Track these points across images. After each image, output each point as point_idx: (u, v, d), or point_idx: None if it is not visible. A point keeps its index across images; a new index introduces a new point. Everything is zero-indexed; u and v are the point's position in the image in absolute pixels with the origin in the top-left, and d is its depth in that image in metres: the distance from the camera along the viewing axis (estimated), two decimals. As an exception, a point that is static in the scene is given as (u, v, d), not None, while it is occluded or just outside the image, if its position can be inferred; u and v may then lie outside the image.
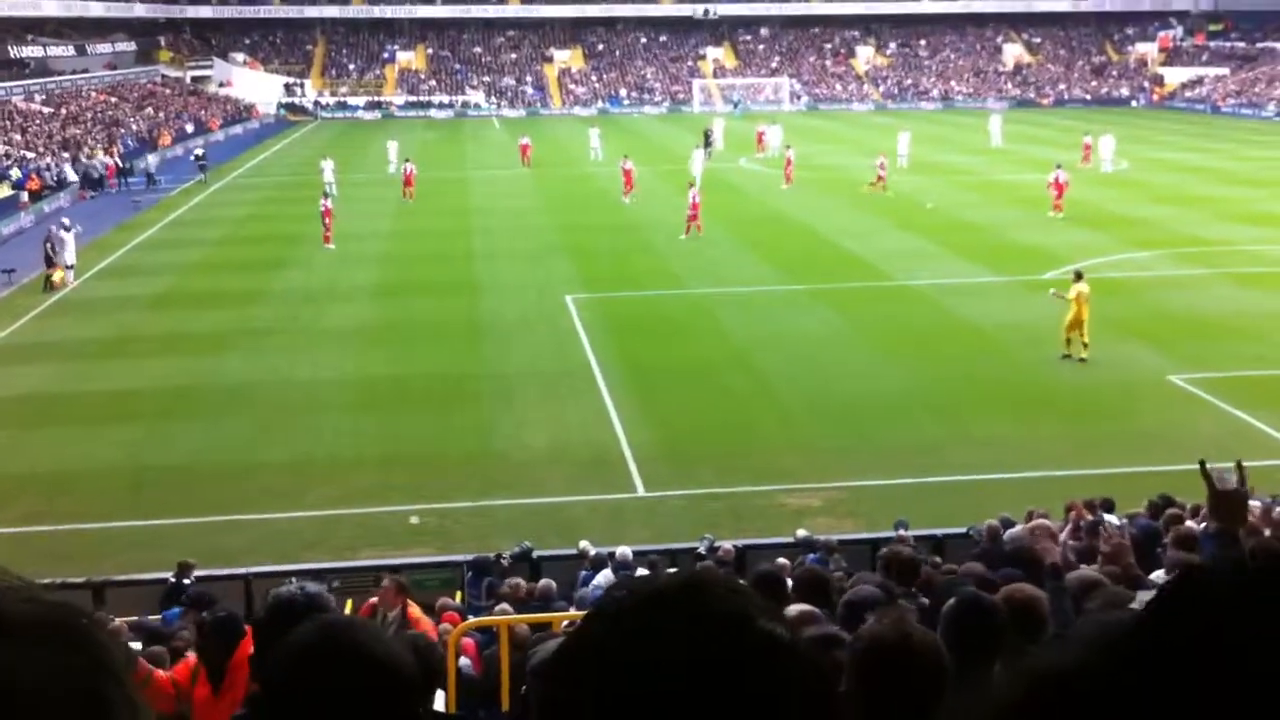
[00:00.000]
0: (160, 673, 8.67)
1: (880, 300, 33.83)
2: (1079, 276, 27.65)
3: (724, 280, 36.56)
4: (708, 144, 66.77)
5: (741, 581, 1.28)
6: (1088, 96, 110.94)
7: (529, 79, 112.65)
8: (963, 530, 16.37)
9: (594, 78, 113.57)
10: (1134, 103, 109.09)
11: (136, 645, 12.58)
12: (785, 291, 35.03)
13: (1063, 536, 13.65)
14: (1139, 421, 23.91)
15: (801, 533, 17.28)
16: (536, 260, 40.23)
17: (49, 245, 38.66)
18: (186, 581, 16.42)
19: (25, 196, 54.98)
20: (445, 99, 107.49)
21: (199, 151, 69.42)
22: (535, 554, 17.14)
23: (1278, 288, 34.66)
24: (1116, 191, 52.31)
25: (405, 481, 21.51)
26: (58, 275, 38.14)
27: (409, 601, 10.97)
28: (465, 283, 37.16)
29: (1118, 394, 25.45)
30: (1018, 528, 14.55)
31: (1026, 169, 60.18)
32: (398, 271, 39.05)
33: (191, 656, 8.14)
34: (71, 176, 61.74)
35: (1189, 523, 12.47)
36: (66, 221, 40.89)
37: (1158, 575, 9.17)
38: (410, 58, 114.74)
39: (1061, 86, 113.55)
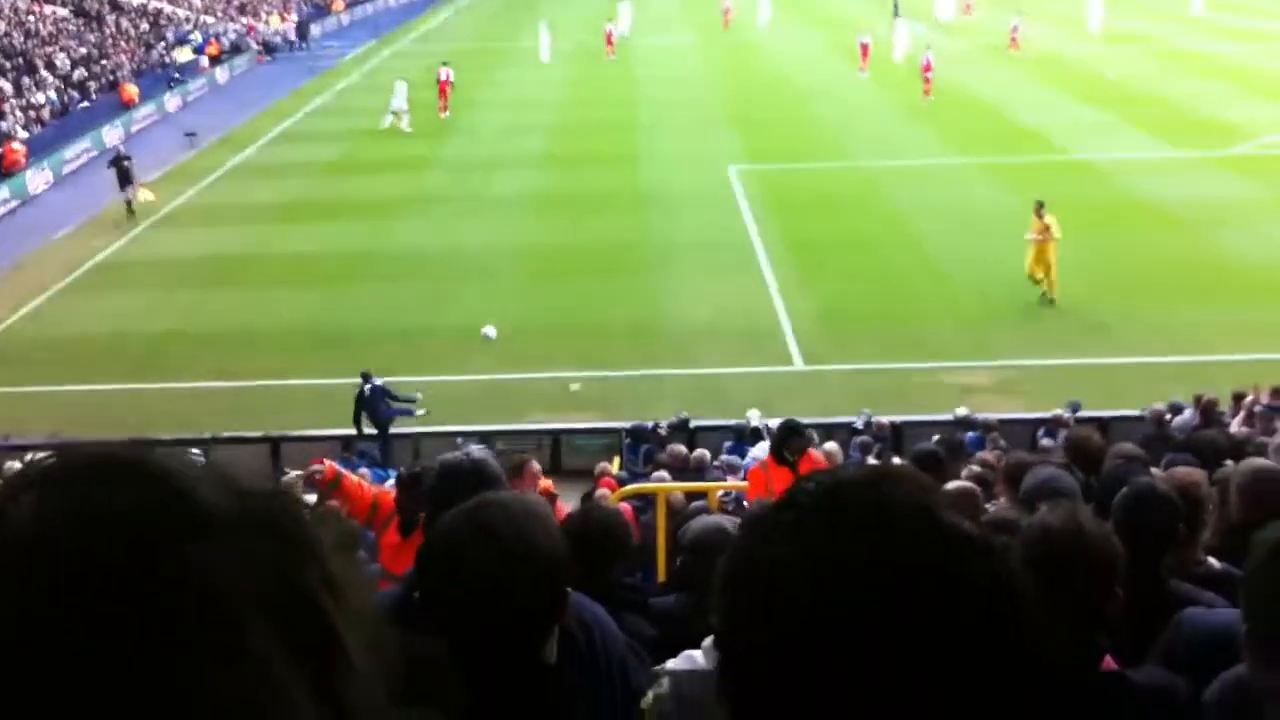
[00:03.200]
0: (364, 485, 9.10)
1: (1055, 175, 32.65)
2: (1041, 207, 23.13)
3: (893, 153, 35.73)
4: (896, 12, 62.81)
5: (929, 478, 1.27)
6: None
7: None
8: (1135, 413, 15.86)
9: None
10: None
11: (310, 498, 13.23)
12: (955, 165, 34.12)
13: (1234, 424, 13.30)
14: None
15: (961, 411, 17.11)
16: (701, 131, 39.83)
17: (121, 164, 32.13)
18: (369, 386, 18.05)
19: (205, 61, 56.56)
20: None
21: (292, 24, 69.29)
22: (692, 424, 17.34)
23: None
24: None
25: (568, 349, 21.86)
26: (141, 195, 32.36)
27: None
28: (630, 154, 37.10)
29: (1305, 277, 24.28)
30: (1187, 413, 14.17)
31: (1226, 39, 56.90)
32: (563, 141, 39.16)
33: (393, 494, 8.45)
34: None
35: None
36: (401, 85, 41.48)
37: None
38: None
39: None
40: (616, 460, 16.30)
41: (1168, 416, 13.71)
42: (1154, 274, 24.58)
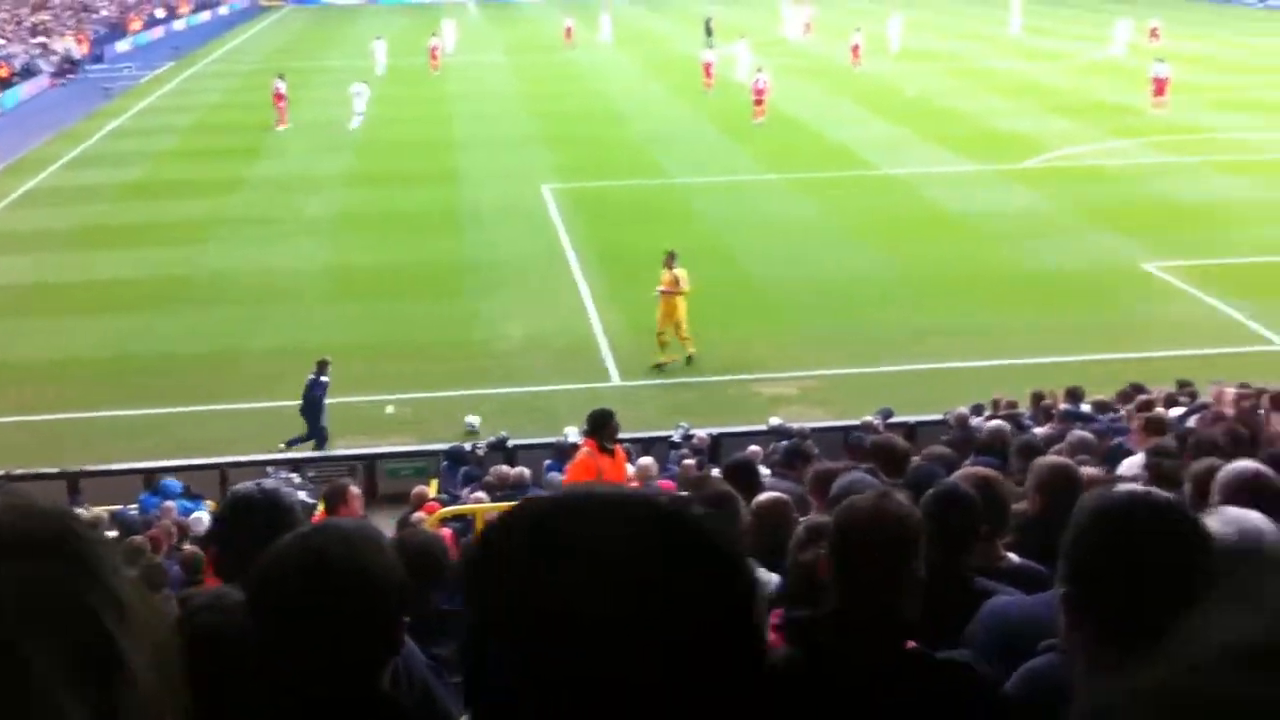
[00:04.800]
0: None
1: (860, 189, 33.62)
2: (672, 259, 21.78)
3: (704, 169, 36.20)
4: (709, 33, 62.80)
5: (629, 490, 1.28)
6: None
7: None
8: (936, 417, 16.42)
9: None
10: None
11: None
12: (765, 180, 34.76)
13: (1043, 429, 13.79)
14: (1114, 310, 23.96)
15: (774, 420, 17.43)
16: (514, 149, 39.75)
17: None
18: (324, 379, 18.43)
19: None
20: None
21: None
22: (510, 443, 17.25)
23: (1259, 174, 34.52)
24: (1107, 79, 51.63)
25: (383, 371, 21.49)
26: None
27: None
28: (443, 172, 36.78)
29: (1093, 283, 25.42)
30: (987, 415, 14.66)
31: (1020, 57, 59.18)
32: (375, 160, 38.59)
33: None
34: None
35: (1158, 409, 12.56)
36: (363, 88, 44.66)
37: (1129, 464, 9.19)
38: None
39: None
40: (433, 483, 16.09)
41: (971, 419, 14.17)
42: (954, 283, 25.42)
